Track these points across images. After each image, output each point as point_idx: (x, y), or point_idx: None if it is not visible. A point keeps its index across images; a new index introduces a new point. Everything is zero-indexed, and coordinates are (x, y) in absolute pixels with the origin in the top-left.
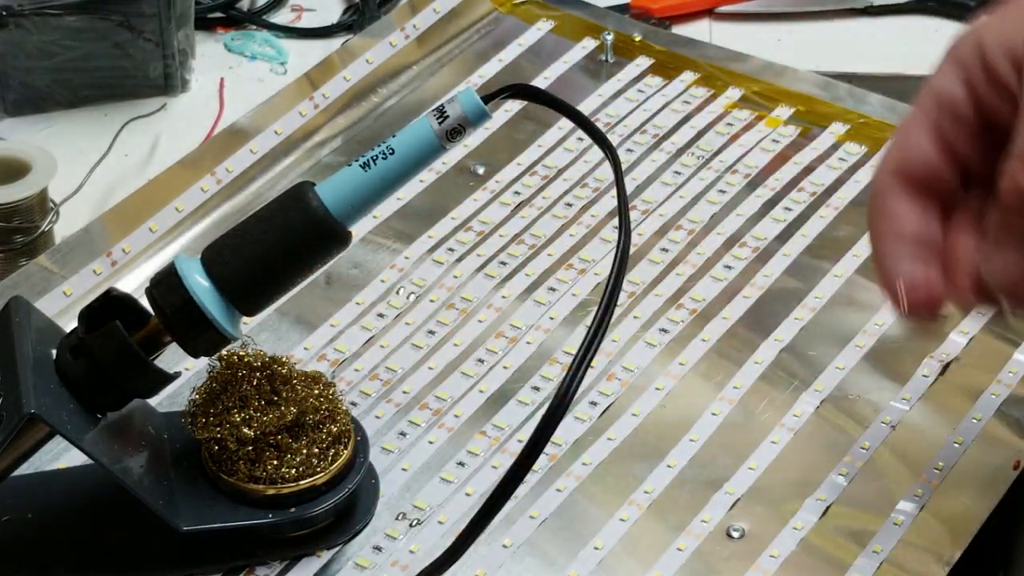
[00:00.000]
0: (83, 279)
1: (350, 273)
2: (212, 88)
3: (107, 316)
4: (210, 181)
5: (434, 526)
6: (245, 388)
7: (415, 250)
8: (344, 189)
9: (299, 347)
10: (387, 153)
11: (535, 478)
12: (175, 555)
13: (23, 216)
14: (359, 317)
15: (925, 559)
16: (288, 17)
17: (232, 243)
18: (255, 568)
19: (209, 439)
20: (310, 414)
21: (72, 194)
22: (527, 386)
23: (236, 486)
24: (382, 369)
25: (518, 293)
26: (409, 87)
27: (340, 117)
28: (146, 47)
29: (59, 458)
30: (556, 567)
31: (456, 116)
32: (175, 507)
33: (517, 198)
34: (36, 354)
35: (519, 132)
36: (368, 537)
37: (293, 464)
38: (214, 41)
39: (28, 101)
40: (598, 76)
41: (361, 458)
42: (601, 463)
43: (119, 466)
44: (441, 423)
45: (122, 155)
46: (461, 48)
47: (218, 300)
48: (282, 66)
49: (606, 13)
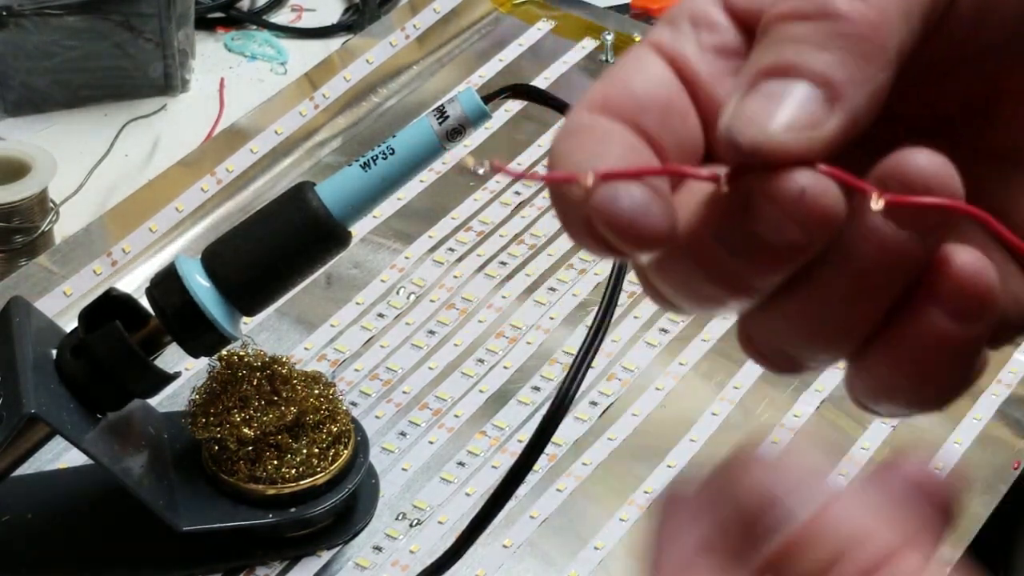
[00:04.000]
0: (83, 279)
1: (350, 273)
2: (212, 88)
3: (107, 316)
4: (210, 181)
5: (434, 526)
6: (245, 388)
7: (415, 250)
8: (344, 189)
9: (299, 347)
10: (387, 153)
11: (535, 478)
12: (175, 555)
13: (23, 216)
14: (359, 317)
15: None
16: (288, 17)
17: (232, 243)
18: (255, 568)
19: (209, 439)
20: (310, 414)
21: (72, 194)
22: (527, 386)
23: (236, 486)
24: (382, 369)
25: (518, 293)
26: (409, 87)
27: (340, 117)
28: (146, 47)
29: (59, 458)
30: (556, 567)
31: (456, 116)
32: (175, 507)
33: (517, 198)
34: (36, 354)
35: (519, 132)
36: (368, 537)
37: (293, 464)
38: (214, 41)
39: (28, 101)
40: (598, 76)
41: (361, 458)
42: (601, 463)
43: (119, 466)
44: (441, 423)
45: (122, 155)
46: (461, 48)
47: (218, 300)
48: (282, 66)
49: (606, 13)
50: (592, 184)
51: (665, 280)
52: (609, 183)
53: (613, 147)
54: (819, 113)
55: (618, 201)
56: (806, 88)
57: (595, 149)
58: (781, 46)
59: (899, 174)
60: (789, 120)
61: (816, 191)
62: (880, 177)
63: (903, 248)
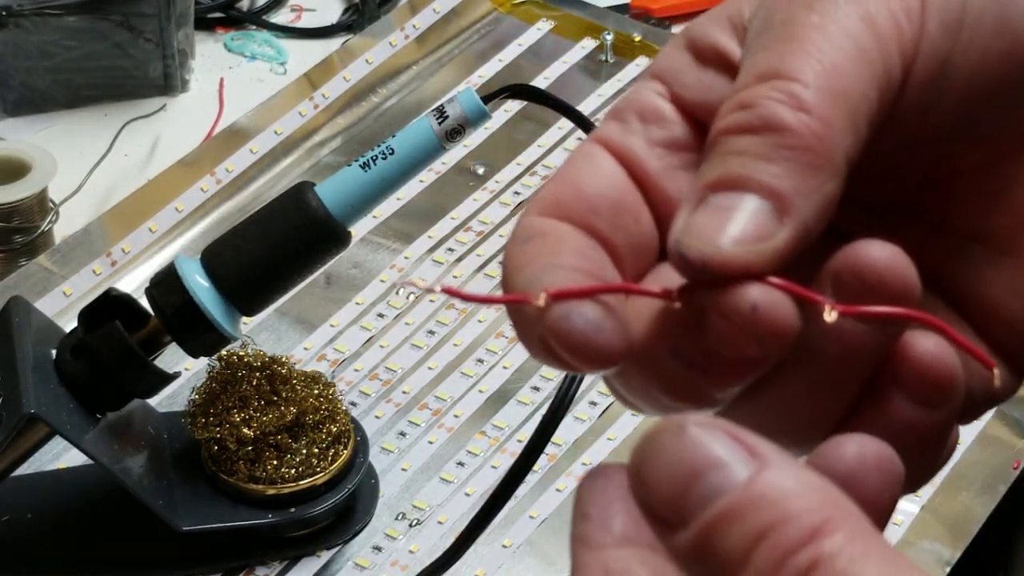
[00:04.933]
0: (83, 279)
1: (350, 273)
2: (212, 88)
3: (107, 316)
4: (210, 181)
5: (434, 526)
6: (245, 388)
7: (415, 250)
8: (344, 189)
9: (299, 347)
10: (387, 153)
11: (535, 478)
12: (175, 555)
13: (23, 216)
14: (359, 317)
15: (925, 559)
16: (288, 17)
17: (232, 243)
18: (255, 568)
19: (209, 439)
20: (310, 414)
21: (72, 194)
22: (527, 386)
23: (236, 486)
24: (382, 369)
25: None
26: (409, 87)
27: (340, 117)
28: (146, 47)
29: (59, 458)
30: (556, 567)
31: (456, 116)
32: (175, 507)
33: (517, 198)
34: (36, 354)
35: (519, 132)
36: (368, 537)
37: (293, 464)
38: (214, 41)
39: (28, 101)
40: (598, 76)
41: (361, 458)
42: (601, 463)
43: (119, 466)
44: (441, 423)
45: (122, 155)
46: (461, 48)
47: (218, 300)
48: (282, 66)
49: (606, 13)
50: (544, 304)
51: (625, 388)
52: (562, 302)
53: (565, 255)
54: (768, 225)
55: (571, 321)
56: (755, 201)
57: (548, 259)
58: (728, 159)
59: (853, 269)
60: (738, 234)
61: (767, 305)
62: (834, 271)
63: (864, 342)
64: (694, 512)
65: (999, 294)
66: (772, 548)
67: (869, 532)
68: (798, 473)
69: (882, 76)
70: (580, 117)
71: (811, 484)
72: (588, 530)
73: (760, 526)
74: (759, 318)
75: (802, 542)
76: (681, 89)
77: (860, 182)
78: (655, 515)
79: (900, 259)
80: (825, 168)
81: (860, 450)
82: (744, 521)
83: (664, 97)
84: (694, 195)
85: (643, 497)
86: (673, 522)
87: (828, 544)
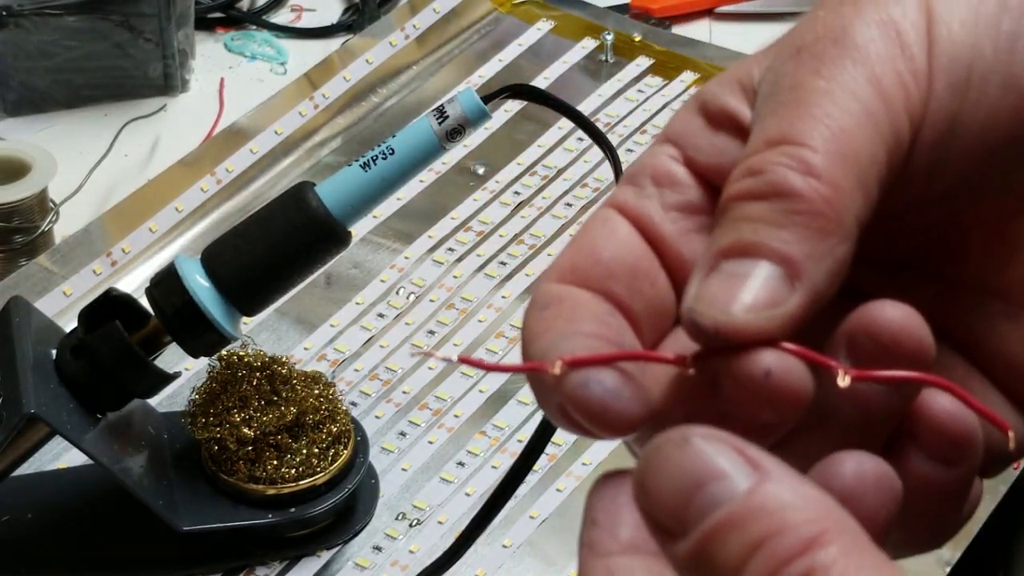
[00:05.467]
0: (83, 279)
1: (350, 273)
2: (212, 88)
3: (107, 316)
4: (210, 181)
5: (434, 526)
6: (245, 388)
7: (415, 250)
8: (344, 189)
9: (299, 347)
10: (387, 153)
11: (535, 478)
12: (175, 555)
13: (23, 216)
14: (359, 317)
15: (925, 559)
16: (288, 17)
17: (232, 243)
18: (255, 568)
19: (209, 439)
20: (310, 414)
21: (72, 194)
22: (527, 386)
23: (236, 486)
24: (382, 369)
25: (518, 293)
26: (409, 87)
27: (340, 117)
28: (146, 47)
29: (59, 458)
30: (556, 567)
31: (456, 116)
32: (175, 507)
33: (517, 198)
34: (36, 354)
35: (519, 132)
36: (368, 537)
37: (293, 464)
38: (214, 41)
39: (28, 101)
40: (598, 76)
41: (361, 458)
42: (601, 463)
43: (119, 466)
44: (441, 423)
45: (122, 155)
46: (461, 48)
47: (218, 300)
48: (282, 66)
49: (606, 13)
50: (560, 372)
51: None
52: (579, 369)
53: (583, 321)
54: (780, 291)
55: (588, 388)
56: (766, 267)
57: (566, 326)
58: (739, 225)
59: (867, 331)
60: (750, 300)
61: (781, 371)
62: (848, 333)
63: (880, 403)
64: (694, 522)
65: (1015, 348)
66: (768, 558)
67: (865, 545)
68: (797, 486)
69: (890, 138)
70: (580, 117)
71: (809, 496)
72: (596, 536)
73: (757, 536)
74: (773, 384)
75: (797, 552)
76: (694, 152)
77: (872, 241)
78: (657, 524)
79: (914, 319)
80: (836, 232)
81: (858, 467)
82: (742, 531)
83: (678, 161)
84: (706, 262)
85: (646, 506)
86: (674, 531)
87: (823, 555)
